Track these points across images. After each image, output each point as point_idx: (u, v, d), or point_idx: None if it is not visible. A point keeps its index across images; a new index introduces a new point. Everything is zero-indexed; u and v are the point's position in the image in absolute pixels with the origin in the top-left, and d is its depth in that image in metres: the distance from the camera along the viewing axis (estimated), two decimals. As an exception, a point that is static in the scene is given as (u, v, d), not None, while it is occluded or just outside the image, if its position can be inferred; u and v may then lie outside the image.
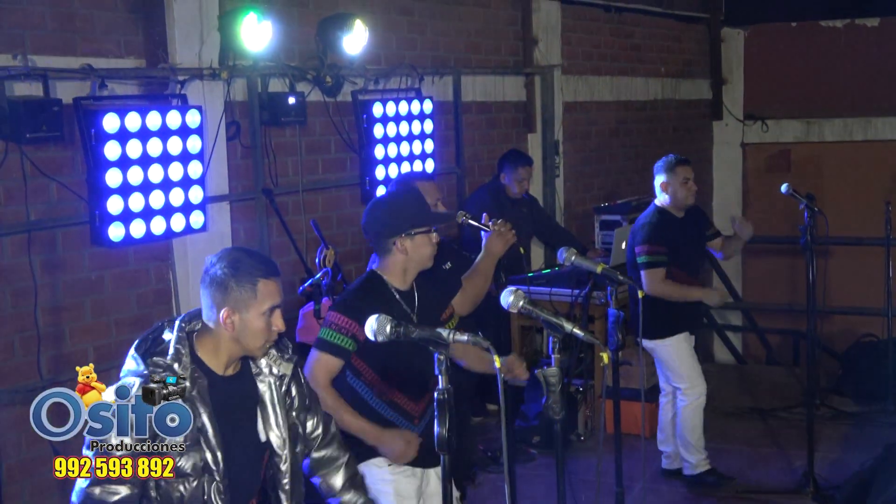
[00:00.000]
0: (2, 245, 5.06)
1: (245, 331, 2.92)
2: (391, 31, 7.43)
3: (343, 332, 3.76)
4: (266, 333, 2.95)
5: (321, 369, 3.78)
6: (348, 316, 3.77)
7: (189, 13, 5.80)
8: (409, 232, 3.84)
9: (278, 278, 2.99)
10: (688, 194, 6.08)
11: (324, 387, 3.75)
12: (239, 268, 2.93)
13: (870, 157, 11.74)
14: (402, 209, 3.89)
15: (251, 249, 3.11)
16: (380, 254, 3.93)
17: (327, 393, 3.74)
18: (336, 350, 3.78)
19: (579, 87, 9.62)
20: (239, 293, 2.90)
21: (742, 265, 12.29)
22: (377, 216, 3.91)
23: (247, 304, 2.91)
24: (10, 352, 5.13)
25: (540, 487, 6.23)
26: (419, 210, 3.92)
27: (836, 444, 6.95)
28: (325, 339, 3.79)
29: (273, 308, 2.94)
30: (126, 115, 5.24)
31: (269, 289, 2.94)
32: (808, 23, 11.97)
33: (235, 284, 2.91)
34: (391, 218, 3.87)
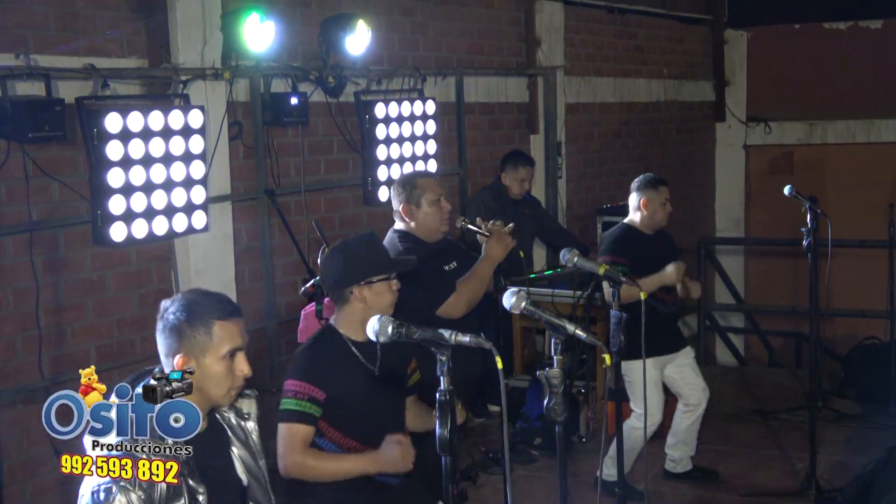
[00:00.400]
0: (4, 245, 5.06)
1: (204, 379, 2.71)
2: (394, 31, 7.43)
3: (302, 397, 3.59)
4: (228, 379, 2.76)
5: (294, 440, 3.59)
6: (304, 380, 3.60)
7: (192, 13, 5.80)
8: (367, 280, 3.70)
9: (239, 319, 2.80)
10: (664, 215, 6.08)
11: (301, 454, 3.58)
12: (193, 311, 2.73)
13: (873, 159, 11.73)
14: (360, 257, 3.74)
15: (209, 291, 2.89)
16: (337, 304, 3.78)
17: (306, 458, 3.58)
18: (302, 417, 3.59)
19: (582, 88, 9.62)
20: (194, 338, 2.72)
21: (745, 267, 12.29)
22: (333, 265, 3.76)
23: (203, 349, 2.72)
24: (11, 351, 5.13)
25: (541, 489, 6.22)
26: (377, 257, 3.78)
27: (839, 446, 6.94)
28: (288, 409, 3.60)
29: (233, 351, 2.76)
30: (128, 115, 5.24)
31: (228, 331, 2.75)
32: (811, 25, 11.97)
33: (189, 329, 2.72)
34: (348, 266, 3.71)
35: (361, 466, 3.62)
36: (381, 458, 3.62)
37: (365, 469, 3.63)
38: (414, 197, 4.67)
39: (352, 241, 3.90)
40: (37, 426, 5.01)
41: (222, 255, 6.10)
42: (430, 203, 4.70)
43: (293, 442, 3.58)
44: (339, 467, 3.61)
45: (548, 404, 3.18)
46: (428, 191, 4.72)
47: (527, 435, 6.87)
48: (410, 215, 4.65)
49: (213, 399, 2.78)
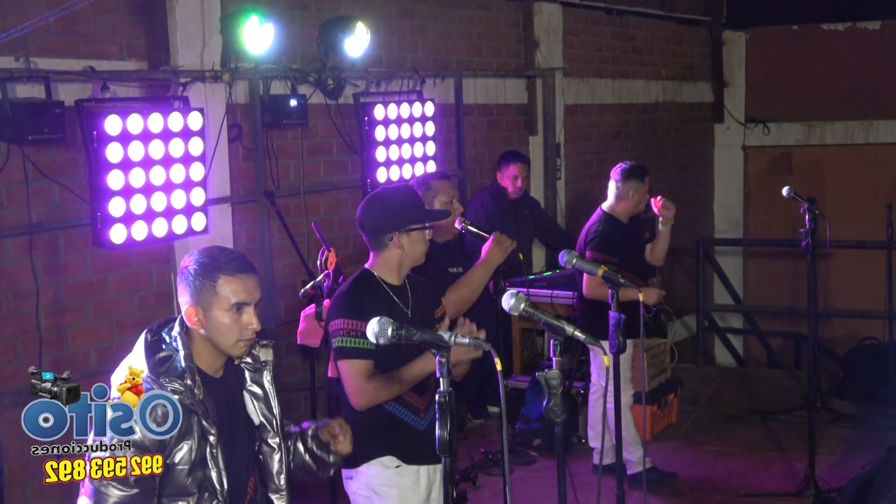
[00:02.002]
0: (3, 247, 5.06)
1: (212, 328, 2.91)
2: (393, 33, 7.44)
3: (355, 334, 3.70)
4: (234, 331, 2.92)
5: (357, 376, 3.71)
6: (352, 317, 3.72)
7: (191, 15, 5.81)
8: (406, 228, 3.84)
9: (247, 275, 2.94)
10: (644, 203, 6.26)
11: (369, 385, 3.70)
12: (204, 264, 2.92)
13: (871, 159, 11.75)
14: (399, 206, 3.87)
15: (225, 248, 3.09)
16: (374, 249, 3.90)
17: (374, 385, 3.69)
18: (360, 353, 3.71)
19: (581, 89, 9.63)
20: (201, 290, 2.90)
21: (743, 268, 12.31)
22: (374, 212, 3.89)
23: (209, 301, 2.90)
24: (11, 353, 5.14)
25: (541, 490, 6.23)
26: (415, 207, 3.92)
27: (838, 446, 6.95)
28: (344, 346, 3.73)
29: (239, 305, 2.91)
30: (128, 118, 5.25)
31: (233, 286, 2.91)
32: (809, 26, 11.99)
33: (198, 281, 2.91)
34: (388, 214, 3.85)
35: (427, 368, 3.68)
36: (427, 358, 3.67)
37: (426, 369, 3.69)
38: (427, 198, 4.75)
39: (391, 190, 4.07)
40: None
41: (222, 257, 6.10)
42: (442, 204, 4.81)
43: (359, 378, 3.71)
44: (409, 376, 3.71)
45: (547, 405, 3.19)
46: (441, 192, 4.85)
47: (526, 436, 6.88)
48: None
49: (222, 348, 2.94)
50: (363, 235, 3.95)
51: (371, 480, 3.83)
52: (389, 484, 3.82)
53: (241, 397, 3.06)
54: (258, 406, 3.08)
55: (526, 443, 6.84)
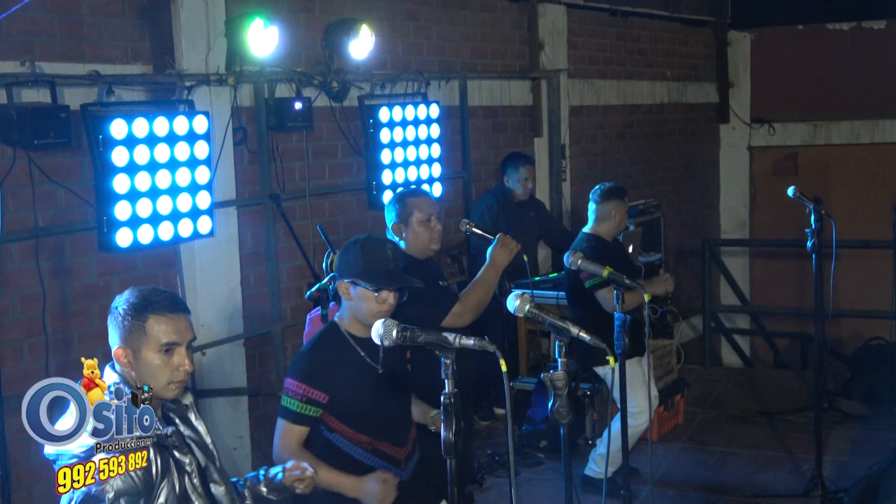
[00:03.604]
0: (10, 251, 5.07)
1: (142, 370, 2.80)
2: (397, 35, 7.45)
3: (300, 398, 3.61)
4: (165, 372, 2.81)
5: (286, 437, 3.65)
6: (305, 382, 3.62)
7: (196, 19, 5.83)
8: (353, 280, 3.66)
9: (178, 315, 2.84)
10: (625, 223, 6.27)
11: (295, 452, 3.60)
12: (132, 305, 2.82)
13: (877, 159, 11.72)
14: (358, 257, 3.69)
15: (157, 288, 2.94)
16: (340, 296, 3.78)
17: (301, 457, 3.53)
18: (297, 418, 3.63)
19: (585, 91, 9.63)
20: (130, 330, 2.80)
21: (749, 269, 12.29)
22: (340, 255, 3.76)
23: (139, 342, 2.80)
24: (18, 357, 5.15)
25: (547, 491, 6.24)
26: (375, 266, 3.67)
27: (844, 447, 6.94)
28: (285, 406, 3.65)
29: (169, 346, 2.81)
30: (133, 121, 5.26)
31: (163, 326, 2.81)
32: (814, 26, 11.97)
33: (127, 321, 2.81)
34: (346, 259, 3.72)
35: (342, 487, 3.63)
36: (362, 489, 3.60)
37: (344, 491, 3.62)
38: (403, 215, 4.60)
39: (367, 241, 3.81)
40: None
41: (228, 260, 6.12)
42: (419, 222, 4.60)
43: (288, 440, 3.66)
44: (324, 478, 3.56)
45: (553, 407, 3.19)
46: (417, 210, 4.61)
47: (532, 437, 6.88)
48: (400, 233, 4.61)
49: (153, 391, 2.78)
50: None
51: None
52: None
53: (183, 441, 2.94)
54: (199, 446, 2.97)
55: (532, 444, 6.84)
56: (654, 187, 10.53)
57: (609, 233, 6.13)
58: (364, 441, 3.70)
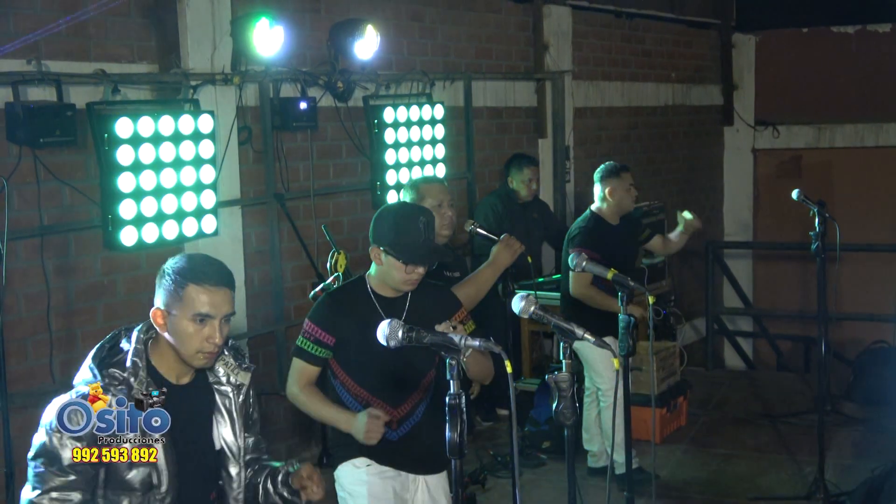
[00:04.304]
0: (15, 249, 5.08)
1: (175, 334, 2.88)
2: (402, 36, 7.45)
3: (310, 338, 3.81)
4: (196, 341, 2.88)
5: (296, 373, 3.86)
6: (315, 323, 3.82)
7: (201, 18, 5.83)
8: (385, 248, 3.76)
9: (219, 289, 2.90)
10: (630, 200, 6.18)
11: (299, 388, 3.84)
12: (179, 269, 2.90)
13: (881, 162, 11.72)
14: (391, 225, 3.77)
15: (208, 257, 3.03)
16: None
17: (301, 392, 3.84)
18: (307, 356, 3.83)
19: (590, 92, 9.63)
20: (171, 293, 2.87)
21: (753, 271, 12.29)
22: (376, 217, 3.86)
23: (175, 305, 2.87)
24: (22, 355, 5.16)
25: (550, 492, 6.23)
26: (404, 237, 3.74)
27: (847, 450, 6.93)
28: (298, 345, 3.86)
29: (203, 317, 2.86)
30: (139, 120, 5.27)
31: (201, 296, 2.86)
32: (819, 28, 11.97)
33: (170, 284, 2.88)
34: (379, 226, 3.81)
35: (334, 420, 3.86)
36: (352, 423, 3.77)
37: (336, 425, 3.85)
38: (415, 201, 4.61)
39: (401, 208, 3.98)
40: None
41: (232, 259, 6.12)
42: (430, 207, 4.49)
43: (298, 377, 3.85)
44: (320, 411, 3.88)
45: (556, 408, 3.19)
46: (428, 196, 4.65)
47: (535, 438, 6.88)
48: None
49: (183, 356, 2.92)
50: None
51: (344, 481, 3.92)
52: (359, 482, 3.88)
53: (207, 416, 3.03)
54: (223, 431, 3.04)
55: (535, 445, 6.84)
56: (657, 189, 10.52)
57: (610, 212, 6.10)
58: (361, 395, 3.84)
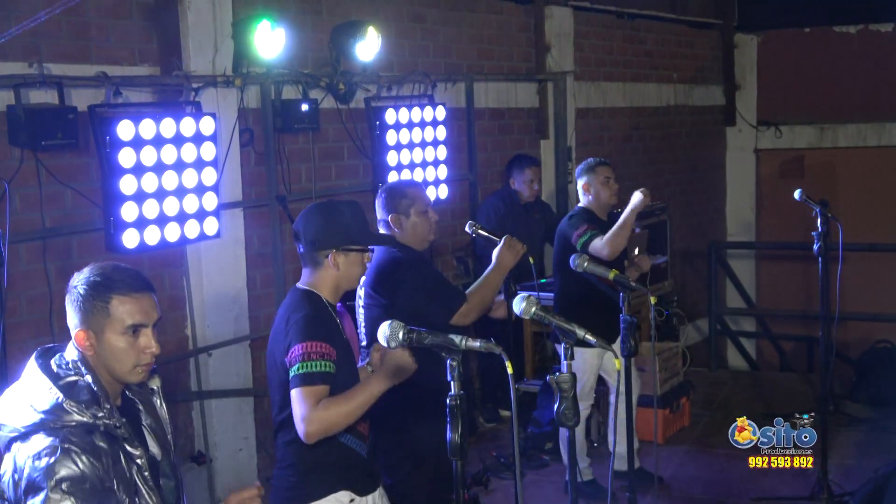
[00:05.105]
0: (17, 252, 5.08)
1: (106, 354, 2.67)
2: (404, 38, 7.45)
3: (326, 357, 3.49)
4: (131, 355, 2.68)
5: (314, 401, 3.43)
6: (318, 340, 3.51)
7: (203, 21, 5.83)
8: (345, 247, 3.66)
9: (143, 294, 2.70)
10: (610, 193, 6.15)
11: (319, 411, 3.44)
12: (94, 285, 2.66)
13: (884, 162, 11.72)
14: (342, 221, 3.69)
15: (119, 265, 2.76)
16: (309, 265, 3.71)
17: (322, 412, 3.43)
18: (326, 378, 3.49)
19: (592, 93, 9.63)
20: (92, 312, 2.65)
21: (756, 271, 12.28)
22: (315, 224, 3.68)
23: (101, 324, 2.65)
24: (26, 358, 5.14)
25: (552, 493, 6.24)
26: (359, 226, 3.72)
27: (851, 450, 6.93)
28: (311, 371, 3.46)
29: (136, 327, 2.67)
30: (140, 123, 5.27)
31: (128, 306, 2.66)
32: (821, 28, 11.96)
33: (88, 302, 2.66)
34: (329, 228, 3.66)
35: (375, 391, 3.47)
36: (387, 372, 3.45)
37: (381, 390, 3.47)
38: (402, 206, 4.59)
39: (337, 203, 3.85)
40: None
41: (234, 262, 6.13)
42: (418, 213, 4.60)
43: (313, 402, 3.43)
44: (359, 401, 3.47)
45: (559, 409, 3.19)
46: (417, 201, 4.62)
47: (538, 440, 6.88)
48: (399, 224, 4.61)
49: (117, 375, 2.71)
50: (298, 247, 3.75)
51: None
52: None
53: (140, 429, 2.82)
54: (154, 440, 2.83)
55: (538, 446, 6.84)
56: (660, 190, 10.51)
57: (596, 206, 6.12)
58: None
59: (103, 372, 2.69)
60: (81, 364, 2.67)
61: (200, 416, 6.03)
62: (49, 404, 2.59)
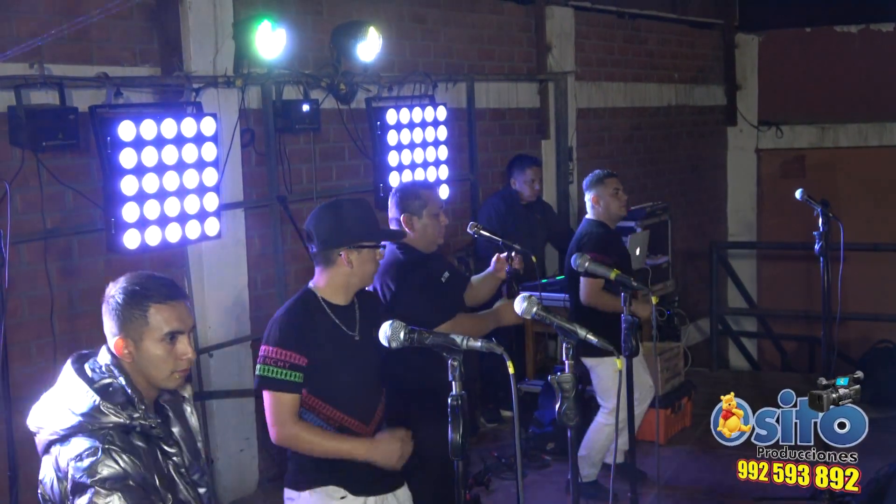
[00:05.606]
0: (18, 252, 5.08)
1: (144, 361, 2.73)
2: (405, 38, 7.45)
3: (283, 365, 3.53)
4: (168, 362, 2.75)
5: (284, 410, 3.54)
6: (284, 347, 3.54)
7: (204, 21, 5.83)
8: (356, 244, 3.66)
9: (178, 302, 2.78)
10: (619, 204, 6.11)
11: (292, 425, 3.55)
12: (131, 294, 2.73)
13: (885, 162, 11.71)
14: (352, 219, 3.70)
15: (153, 274, 2.85)
16: (320, 264, 3.71)
17: (299, 430, 3.55)
18: (284, 385, 3.53)
19: (593, 93, 9.63)
20: (130, 320, 2.72)
21: (757, 271, 12.27)
22: (324, 223, 3.69)
23: (140, 332, 2.72)
24: (26, 359, 5.16)
25: (554, 494, 6.23)
26: (369, 223, 3.74)
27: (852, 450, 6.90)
28: (266, 376, 3.55)
29: (173, 334, 2.74)
30: (141, 123, 5.27)
31: (165, 314, 2.73)
32: (822, 28, 11.96)
33: (126, 311, 2.72)
34: (339, 227, 3.66)
35: (354, 452, 3.58)
36: (378, 449, 3.58)
37: (358, 455, 3.58)
38: (415, 207, 4.59)
39: (346, 202, 3.87)
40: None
41: (235, 262, 6.13)
42: (430, 215, 4.60)
43: (282, 412, 3.54)
44: (333, 447, 3.57)
45: (560, 409, 3.19)
46: (431, 203, 4.63)
47: (539, 440, 6.87)
48: (410, 225, 4.60)
49: (155, 381, 2.77)
50: (309, 248, 3.78)
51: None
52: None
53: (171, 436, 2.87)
54: (183, 447, 2.88)
55: (539, 447, 6.84)
56: (661, 190, 10.52)
57: (606, 218, 6.09)
58: (334, 417, 3.63)
59: (140, 378, 2.76)
60: (114, 367, 2.73)
61: (202, 416, 6.03)
62: (87, 407, 2.64)
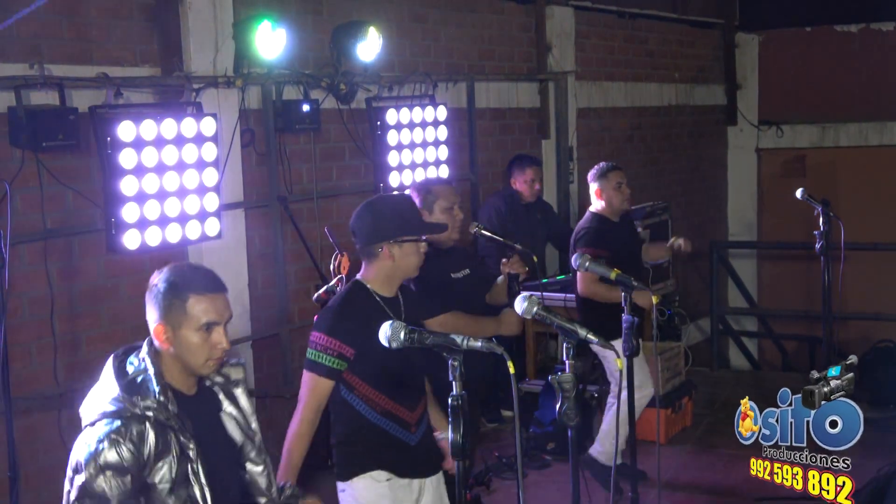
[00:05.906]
0: (18, 253, 5.08)
1: (181, 347, 2.86)
2: (405, 38, 7.45)
3: (329, 352, 3.69)
4: (204, 350, 2.88)
5: (317, 391, 3.73)
6: (332, 335, 3.70)
7: (204, 21, 5.83)
8: (398, 239, 3.77)
9: (217, 294, 2.91)
10: (622, 198, 6.13)
11: (307, 408, 3.71)
12: (173, 283, 2.87)
13: (885, 161, 11.71)
14: (393, 215, 3.81)
15: (196, 265, 3.03)
16: (365, 258, 3.84)
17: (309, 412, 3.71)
18: (325, 371, 3.70)
19: (593, 93, 9.63)
20: (170, 309, 2.85)
21: (757, 271, 12.27)
22: (367, 219, 3.82)
23: (178, 320, 2.85)
24: (26, 359, 5.16)
25: (554, 494, 6.22)
26: (410, 217, 3.86)
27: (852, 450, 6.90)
28: (313, 360, 3.72)
29: (209, 324, 2.87)
30: (141, 123, 5.27)
31: (203, 305, 2.86)
32: (822, 27, 11.96)
33: (167, 300, 2.85)
34: (381, 222, 3.79)
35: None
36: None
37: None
38: (428, 203, 4.67)
39: (388, 198, 4.07)
40: (51, 433, 5.05)
41: (235, 262, 6.12)
42: (442, 210, 4.68)
43: (315, 394, 3.72)
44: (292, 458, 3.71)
45: (560, 409, 3.19)
46: (442, 197, 4.72)
47: (540, 440, 6.87)
48: None
49: (191, 367, 2.91)
50: (355, 243, 3.89)
51: (361, 494, 3.79)
52: (382, 496, 3.78)
53: (218, 418, 3.03)
54: (236, 426, 3.04)
55: (540, 447, 6.83)
56: (661, 189, 10.51)
57: (609, 211, 6.10)
58: (380, 403, 3.75)
59: (176, 364, 2.89)
60: (149, 358, 2.86)
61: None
62: (109, 398, 2.79)
